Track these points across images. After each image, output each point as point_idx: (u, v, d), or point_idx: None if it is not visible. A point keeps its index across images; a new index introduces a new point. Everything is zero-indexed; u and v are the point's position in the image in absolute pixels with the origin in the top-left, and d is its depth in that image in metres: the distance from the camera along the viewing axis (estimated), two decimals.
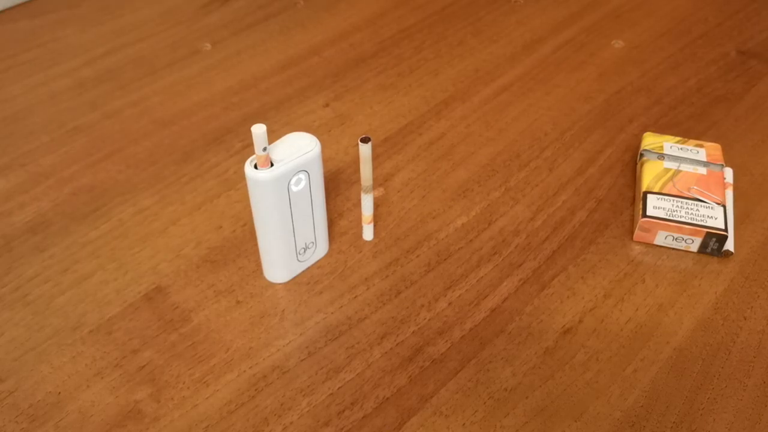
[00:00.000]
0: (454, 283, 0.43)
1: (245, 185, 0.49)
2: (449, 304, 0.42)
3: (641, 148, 0.49)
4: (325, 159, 0.51)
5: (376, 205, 0.48)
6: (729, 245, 0.44)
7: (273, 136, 0.54)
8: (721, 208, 0.44)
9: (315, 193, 0.40)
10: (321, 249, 0.43)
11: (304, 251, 0.42)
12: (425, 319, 0.41)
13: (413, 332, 0.40)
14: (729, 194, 0.47)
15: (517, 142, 0.53)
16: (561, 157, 0.52)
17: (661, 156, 0.48)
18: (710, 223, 0.43)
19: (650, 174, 0.46)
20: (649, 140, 0.49)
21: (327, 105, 0.57)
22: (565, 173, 0.50)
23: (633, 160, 0.51)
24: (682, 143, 0.49)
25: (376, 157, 0.52)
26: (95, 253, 0.45)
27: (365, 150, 0.39)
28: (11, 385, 0.38)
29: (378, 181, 0.50)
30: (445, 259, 0.44)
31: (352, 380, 0.38)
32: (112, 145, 0.53)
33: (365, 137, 0.39)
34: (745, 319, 0.41)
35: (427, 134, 0.54)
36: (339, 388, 0.37)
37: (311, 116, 0.55)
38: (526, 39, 0.64)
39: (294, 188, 0.38)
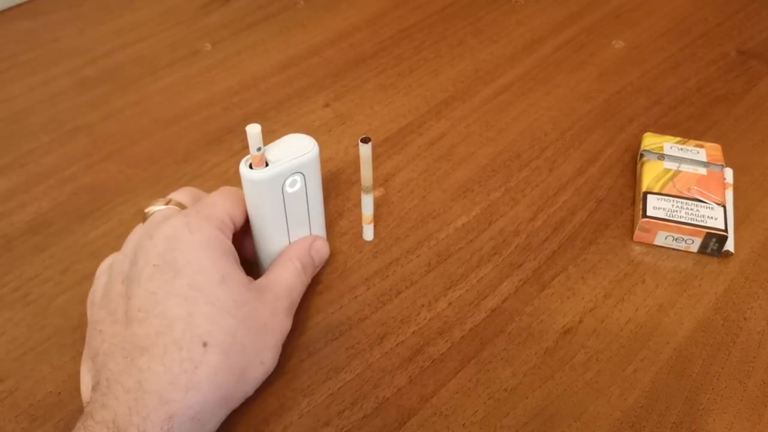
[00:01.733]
0: (455, 284, 0.43)
1: None
2: (449, 304, 0.42)
3: (641, 149, 0.49)
4: (325, 159, 0.51)
5: (376, 205, 0.48)
6: (729, 245, 0.44)
7: (273, 136, 0.53)
8: (721, 209, 0.44)
9: (311, 196, 0.40)
10: None
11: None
12: (425, 319, 0.41)
13: (413, 332, 0.40)
14: (729, 194, 0.47)
15: (517, 142, 0.53)
16: (561, 158, 0.52)
17: (661, 156, 0.48)
18: (710, 223, 0.43)
19: (650, 174, 0.46)
20: (649, 140, 0.49)
21: (327, 105, 0.57)
22: (565, 173, 0.50)
23: (633, 161, 0.51)
24: (683, 143, 0.49)
25: (376, 157, 0.52)
26: (96, 253, 0.45)
27: (365, 150, 0.39)
28: (11, 385, 0.38)
29: (378, 181, 0.50)
30: (445, 259, 0.44)
31: (352, 380, 0.38)
32: (113, 145, 0.53)
33: (365, 137, 0.39)
34: (745, 319, 0.41)
35: (427, 134, 0.54)
36: (339, 388, 0.37)
37: (311, 116, 0.55)
38: (526, 39, 0.64)
39: (289, 189, 0.38)
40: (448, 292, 0.42)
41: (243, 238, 0.41)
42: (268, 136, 0.53)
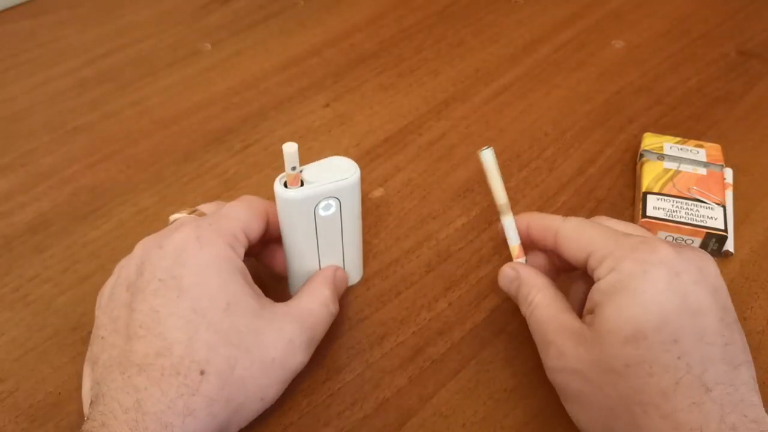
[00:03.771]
0: (455, 284, 0.43)
1: (246, 186, 0.49)
2: (449, 304, 0.42)
3: (641, 149, 0.49)
4: None
5: (376, 206, 0.48)
6: (729, 246, 0.44)
7: (274, 136, 0.54)
8: (721, 209, 0.44)
9: (347, 222, 0.38)
10: (352, 277, 0.42)
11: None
12: (425, 319, 0.41)
13: (413, 333, 0.40)
14: (729, 194, 0.47)
15: (517, 142, 0.53)
16: (561, 158, 0.52)
17: (661, 156, 0.48)
18: (710, 223, 0.43)
19: (650, 174, 0.46)
20: (649, 140, 0.49)
21: (327, 105, 0.57)
22: (565, 173, 0.50)
23: (633, 161, 0.51)
24: (682, 143, 0.49)
25: (375, 157, 0.52)
26: (96, 253, 0.45)
27: (488, 158, 0.36)
28: (11, 385, 0.38)
29: (378, 182, 0.50)
30: (445, 260, 0.44)
31: (352, 380, 0.38)
32: (113, 145, 0.53)
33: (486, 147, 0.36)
34: (745, 319, 0.41)
35: (427, 134, 0.54)
36: (339, 388, 0.37)
37: (311, 116, 0.55)
38: (526, 39, 0.64)
39: (322, 213, 0.36)
40: (448, 292, 0.42)
41: (276, 249, 0.39)
42: (269, 137, 0.54)
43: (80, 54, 0.63)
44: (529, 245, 0.39)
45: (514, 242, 0.39)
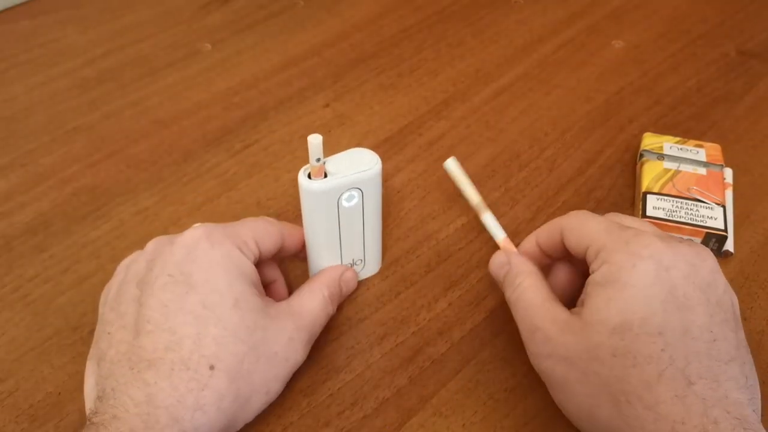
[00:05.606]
0: (454, 284, 0.43)
1: (246, 186, 0.50)
2: (449, 304, 0.42)
3: (641, 149, 0.49)
4: None
5: None
6: (729, 246, 0.44)
7: (274, 136, 0.54)
8: (721, 209, 0.44)
9: (368, 212, 0.39)
10: (371, 268, 0.42)
11: (351, 266, 0.41)
12: (425, 319, 0.41)
13: (413, 333, 0.40)
14: (729, 194, 0.47)
15: (517, 142, 0.53)
16: (561, 158, 0.52)
17: (661, 156, 0.48)
18: (710, 223, 0.43)
19: (650, 174, 0.46)
20: (649, 140, 0.49)
21: (327, 105, 0.57)
22: (565, 173, 0.50)
23: (633, 161, 0.51)
24: (682, 143, 0.49)
25: None
26: (96, 253, 0.45)
27: (452, 166, 0.39)
28: (11, 385, 0.38)
29: None
30: (445, 260, 0.44)
31: (352, 381, 0.38)
32: (113, 145, 0.53)
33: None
34: (745, 319, 0.41)
35: (427, 134, 0.54)
36: (339, 388, 0.37)
37: (311, 116, 0.55)
38: (526, 39, 0.64)
39: (345, 204, 0.37)
40: (448, 292, 0.42)
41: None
42: (269, 137, 0.54)
43: (80, 54, 0.63)
44: (545, 261, 0.39)
45: (499, 237, 0.40)
